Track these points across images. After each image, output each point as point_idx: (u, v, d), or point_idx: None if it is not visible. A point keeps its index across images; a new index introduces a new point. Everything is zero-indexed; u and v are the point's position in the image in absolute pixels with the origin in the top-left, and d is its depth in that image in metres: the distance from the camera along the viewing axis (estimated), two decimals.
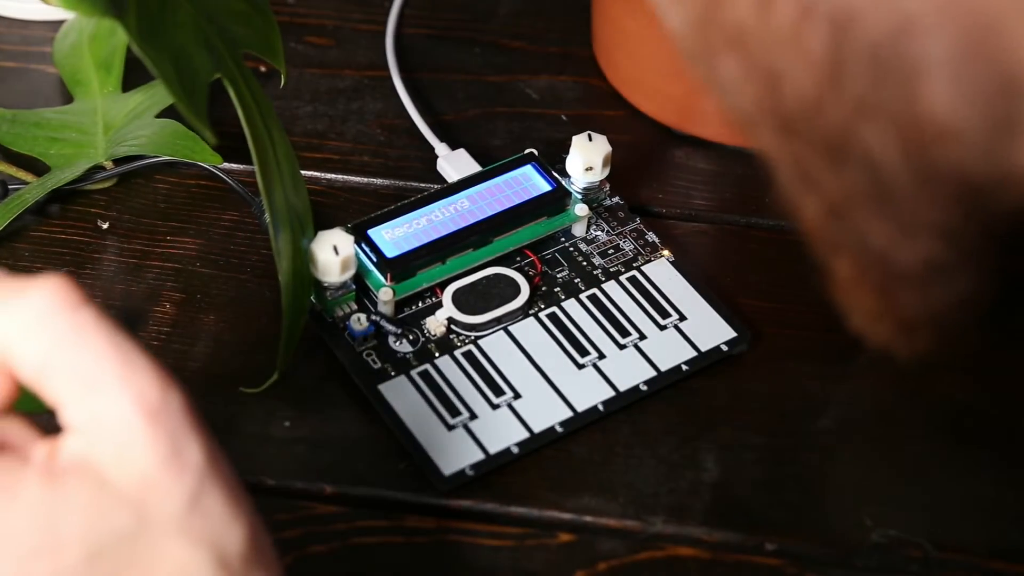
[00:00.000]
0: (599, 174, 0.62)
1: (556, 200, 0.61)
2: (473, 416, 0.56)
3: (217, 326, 0.59)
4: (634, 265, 0.61)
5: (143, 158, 0.63)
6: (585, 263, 0.61)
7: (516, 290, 0.59)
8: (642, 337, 0.59)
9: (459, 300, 0.59)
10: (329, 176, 0.66)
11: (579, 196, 0.62)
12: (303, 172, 0.65)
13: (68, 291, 0.41)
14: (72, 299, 0.41)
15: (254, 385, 0.57)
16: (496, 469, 0.55)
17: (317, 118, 0.68)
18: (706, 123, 0.67)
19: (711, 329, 0.59)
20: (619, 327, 0.59)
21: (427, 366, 0.57)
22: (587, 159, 0.61)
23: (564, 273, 0.61)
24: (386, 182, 0.66)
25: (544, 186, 0.61)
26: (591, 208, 0.62)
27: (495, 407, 0.56)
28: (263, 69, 0.70)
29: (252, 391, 0.57)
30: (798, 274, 0.62)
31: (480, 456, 0.55)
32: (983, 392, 0.59)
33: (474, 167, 0.64)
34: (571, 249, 0.62)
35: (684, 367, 0.58)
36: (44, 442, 0.41)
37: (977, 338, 0.47)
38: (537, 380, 0.57)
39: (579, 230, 0.62)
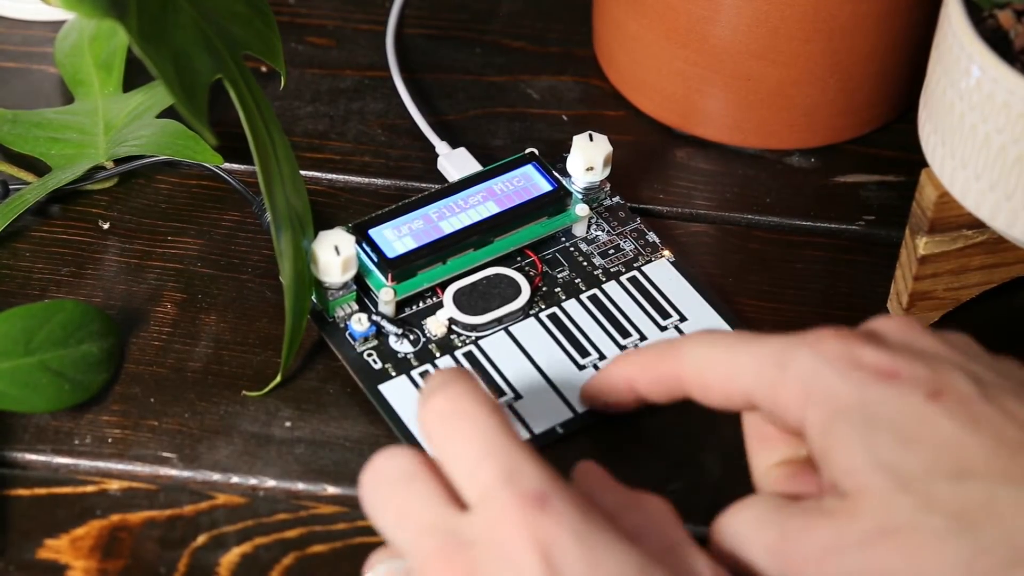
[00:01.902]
0: (600, 174, 0.62)
1: (557, 200, 0.61)
2: None
3: (218, 326, 0.59)
4: (634, 265, 0.61)
5: (144, 158, 0.63)
6: (586, 263, 0.61)
7: (517, 290, 0.59)
8: (643, 338, 0.59)
9: (460, 300, 0.59)
10: (330, 176, 0.66)
11: (580, 196, 0.62)
12: (304, 172, 0.65)
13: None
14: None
15: (255, 385, 0.57)
16: None
17: (318, 118, 0.68)
18: (707, 123, 0.67)
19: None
20: (619, 327, 0.59)
21: (428, 366, 0.57)
22: (588, 159, 0.61)
23: (565, 273, 0.61)
24: (387, 182, 0.66)
25: (545, 186, 0.61)
26: (592, 208, 0.62)
27: None
28: (264, 69, 0.70)
29: (254, 395, 0.57)
30: (798, 274, 0.63)
31: None
32: None
33: (475, 166, 0.64)
34: (572, 249, 0.62)
35: None
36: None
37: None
38: (538, 381, 0.57)
39: (580, 230, 0.62)
